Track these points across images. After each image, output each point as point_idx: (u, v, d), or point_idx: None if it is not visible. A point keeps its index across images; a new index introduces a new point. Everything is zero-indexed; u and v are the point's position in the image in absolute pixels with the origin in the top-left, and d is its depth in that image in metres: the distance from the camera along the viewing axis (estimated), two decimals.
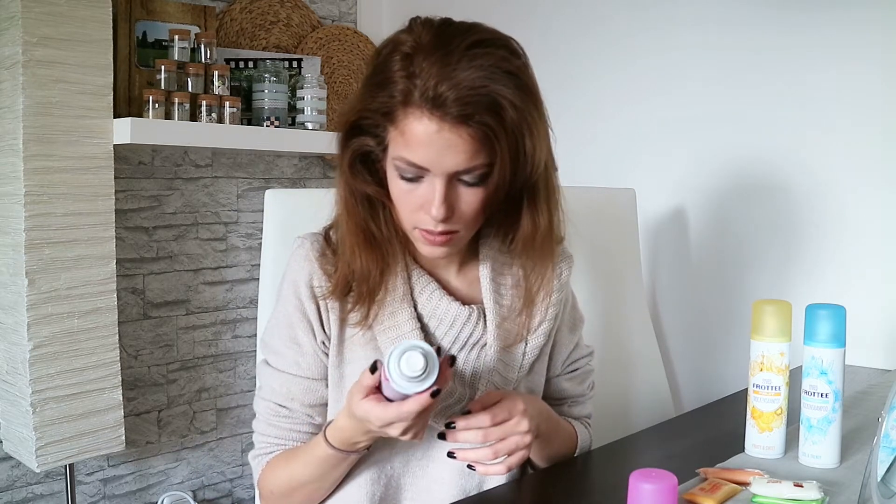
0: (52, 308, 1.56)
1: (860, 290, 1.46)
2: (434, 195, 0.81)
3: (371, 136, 0.85)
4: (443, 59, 0.77)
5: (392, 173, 0.84)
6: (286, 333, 0.92)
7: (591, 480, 0.93)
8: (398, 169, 0.82)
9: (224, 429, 2.09)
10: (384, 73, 0.80)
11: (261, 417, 0.95)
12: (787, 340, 0.93)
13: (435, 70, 0.76)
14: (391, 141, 0.83)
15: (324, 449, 0.86)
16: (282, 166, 2.18)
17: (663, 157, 1.75)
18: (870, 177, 1.45)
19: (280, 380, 0.93)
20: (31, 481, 1.77)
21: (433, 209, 0.81)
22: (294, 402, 0.92)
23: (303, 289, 0.91)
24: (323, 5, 2.27)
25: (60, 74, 1.54)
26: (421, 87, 0.77)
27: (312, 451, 0.88)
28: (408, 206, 0.85)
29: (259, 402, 0.95)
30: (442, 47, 0.78)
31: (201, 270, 2.03)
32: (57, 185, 1.55)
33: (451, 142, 0.78)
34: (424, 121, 0.77)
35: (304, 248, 0.92)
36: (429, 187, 0.82)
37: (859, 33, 1.44)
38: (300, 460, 0.90)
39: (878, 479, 0.65)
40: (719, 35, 1.64)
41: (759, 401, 0.94)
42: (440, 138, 0.78)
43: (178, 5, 1.88)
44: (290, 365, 0.92)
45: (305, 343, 0.91)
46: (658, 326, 1.76)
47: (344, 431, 0.84)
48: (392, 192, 0.86)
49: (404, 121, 0.79)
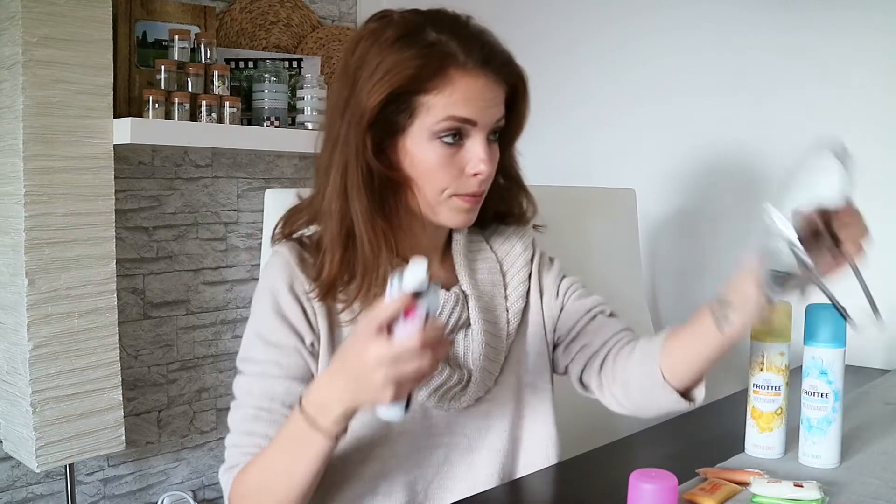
0: (52, 308, 1.56)
1: (860, 290, 1.45)
2: (479, 152, 0.87)
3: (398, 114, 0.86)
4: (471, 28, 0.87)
5: (427, 144, 0.86)
6: (263, 341, 0.89)
7: (591, 480, 0.93)
8: (440, 133, 0.85)
9: (224, 429, 2.08)
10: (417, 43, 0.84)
11: (235, 429, 0.88)
12: (787, 341, 0.93)
13: (472, 35, 0.86)
14: (430, 107, 0.85)
15: (295, 418, 0.79)
16: (282, 166, 2.18)
17: (663, 157, 1.75)
18: (869, 177, 1.45)
19: (259, 384, 0.88)
20: (31, 481, 1.77)
21: (482, 164, 0.87)
22: (274, 402, 0.86)
23: (283, 294, 0.88)
24: (323, 5, 2.27)
25: (60, 74, 1.54)
26: (465, 49, 0.85)
27: (285, 427, 0.82)
28: (448, 173, 0.87)
29: (234, 414, 0.89)
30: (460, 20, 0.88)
31: (201, 270, 2.03)
32: (57, 185, 1.55)
33: (495, 97, 0.88)
34: (475, 77, 0.85)
35: (283, 257, 0.90)
36: (470, 147, 0.87)
37: (859, 35, 1.44)
38: (272, 445, 0.83)
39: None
40: (720, 37, 1.64)
41: (760, 401, 0.94)
42: (488, 92, 0.87)
43: (178, 5, 1.87)
44: (271, 367, 0.88)
45: (286, 343, 0.88)
46: (658, 326, 1.76)
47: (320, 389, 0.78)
48: (425, 164, 0.87)
49: (453, 79, 0.84)
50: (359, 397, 0.75)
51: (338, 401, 0.76)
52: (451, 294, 0.94)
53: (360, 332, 0.73)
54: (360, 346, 0.72)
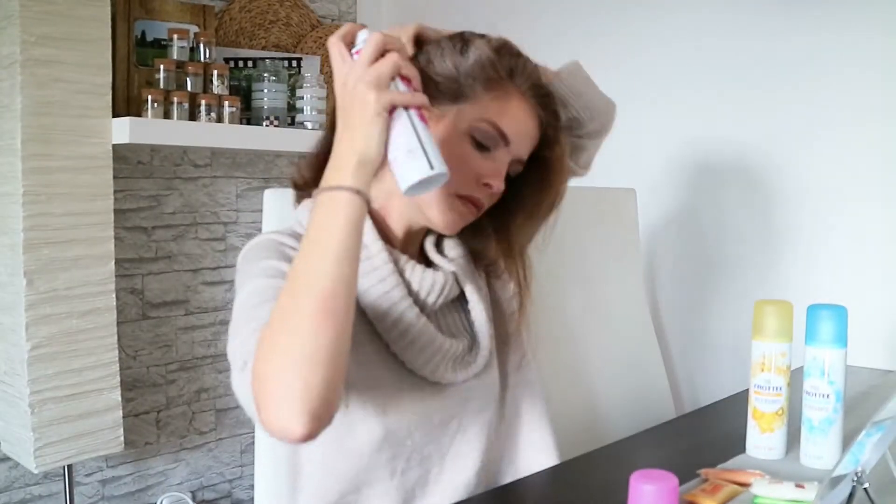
0: (50, 308, 1.55)
1: (861, 290, 1.45)
2: (500, 168, 0.88)
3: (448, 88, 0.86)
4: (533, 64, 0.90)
5: (458, 136, 0.86)
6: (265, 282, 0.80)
7: (591, 481, 0.93)
8: (478, 132, 0.86)
9: (223, 429, 2.09)
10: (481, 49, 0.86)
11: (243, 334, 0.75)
12: (788, 341, 0.92)
13: (533, 69, 0.89)
14: (479, 104, 0.86)
15: (314, 208, 0.73)
16: (281, 166, 2.18)
17: (663, 157, 1.75)
18: (871, 176, 1.45)
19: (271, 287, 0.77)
20: (29, 482, 1.77)
21: (497, 179, 0.87)
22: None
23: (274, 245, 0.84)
24: (322, 4, 2.27)
25: (59, 74, 1.53)
26: (525, 74, 0.88)
27: (305, 234, 0.73)
28: (466, 172, 0.86)
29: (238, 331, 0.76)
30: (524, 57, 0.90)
31: (200, 270, 2.02)
32: (55, 184, 1.55)
33: (533, 134, 0.90)
34: (528, 107, 0.88)
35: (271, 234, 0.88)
36: (493, 160, 0.87)
37: (859, 34, 1.44)
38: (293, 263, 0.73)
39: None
40: (721, 36, 1.64)
41: (761, 401, 0.93)
42: (531, 125, 0.89)
43: (177, 4, 1.87)
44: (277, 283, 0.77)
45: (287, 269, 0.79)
46: (658, 326, 1.75)
47: (329, 163, 0.74)
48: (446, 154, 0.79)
49: (510, 96, 0.87)
50: (360, 130, 0.72)
51: (348, 151, 0.72)
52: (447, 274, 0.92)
53: (334, 80, 0.76)
54: (337, 86, 0.75)
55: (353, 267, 0.71)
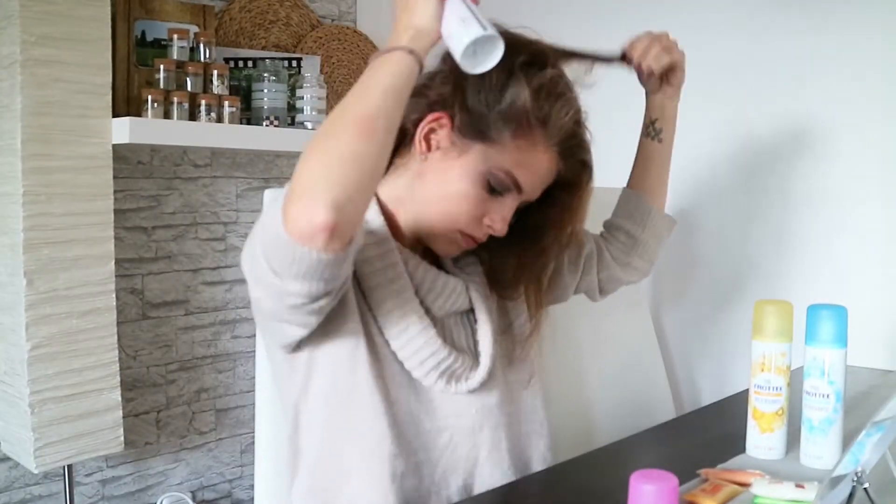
0: (50, 308, 1.55)
1: (861, 290, 1.45)
2: (506, 212, 0.89)
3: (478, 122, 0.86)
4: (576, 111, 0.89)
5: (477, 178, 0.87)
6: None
7: (591, 481, 0.93)
8: (494, 178, 0.87)
9: (223, 429, 2.09)
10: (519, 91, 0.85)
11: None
12: (788, 341, 0.92)
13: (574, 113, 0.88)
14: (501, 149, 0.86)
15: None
16: (281, 166, 2.18)
17: None
18: (871, 176, 1.45)
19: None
20: (29, 482, 1.77)
21: (501, 223, 0.89)
22: None
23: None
24: (322, 4, 2.27)
25: (59, 74, 1.53)
26: (559, 125, 0.86)
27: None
28: (471, 213, 0.88)
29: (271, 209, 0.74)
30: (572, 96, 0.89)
31: (200, 270, 2.02)
32: (55, 184, 1.55)
33: (549, 178, 0.90)
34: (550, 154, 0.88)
35: None
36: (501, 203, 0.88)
37: (860, 35, 1.43)
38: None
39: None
40: (720, 36, 1.64)
41: (761, 401, 0.93)
42: (549, 174, 0.90)
43: (177, 4, 1.87)
44: None
45: None
46: (658, 326, 1.75)
47: (388, 41, 0.78)
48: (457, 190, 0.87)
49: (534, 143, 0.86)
50: (418, 6, 0.77)
51: (405, 27, 0.77)
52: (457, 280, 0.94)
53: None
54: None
55: (398, 105, 0.74)
